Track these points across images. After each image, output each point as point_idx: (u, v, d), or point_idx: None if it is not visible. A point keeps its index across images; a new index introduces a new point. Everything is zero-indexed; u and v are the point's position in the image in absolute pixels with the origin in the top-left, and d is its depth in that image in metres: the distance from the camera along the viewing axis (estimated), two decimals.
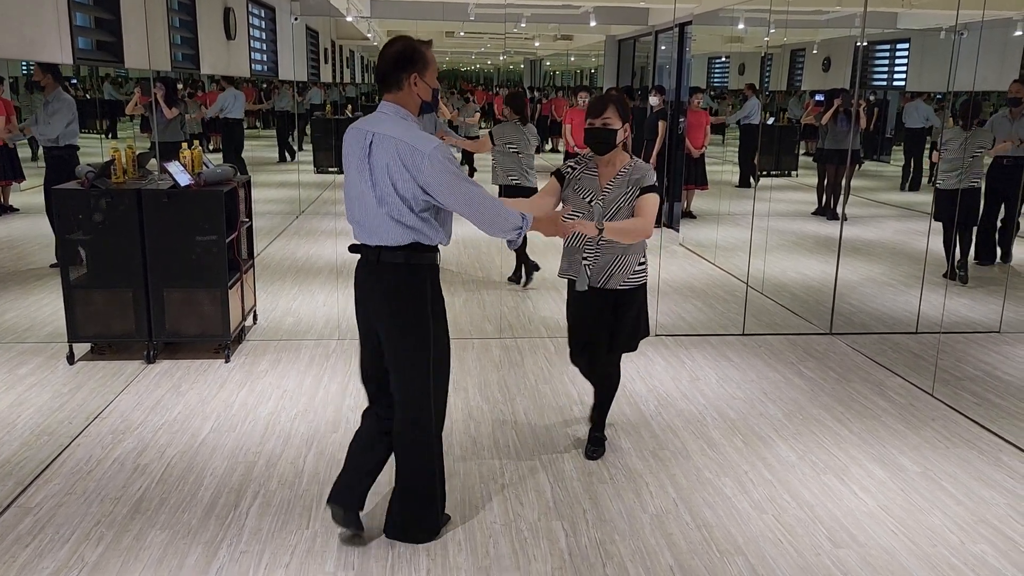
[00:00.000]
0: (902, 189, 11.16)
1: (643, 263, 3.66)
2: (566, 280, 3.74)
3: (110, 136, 8.26)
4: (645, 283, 3.71)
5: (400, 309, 2.92)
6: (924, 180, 10.89)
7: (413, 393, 3.00)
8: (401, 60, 2.88)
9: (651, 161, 9.52)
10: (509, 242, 3.02)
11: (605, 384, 3.91)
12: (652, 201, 3.49)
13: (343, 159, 2.99)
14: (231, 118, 10.00)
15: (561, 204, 3.66)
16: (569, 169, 3.64)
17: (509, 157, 6.92)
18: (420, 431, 3.04)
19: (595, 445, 3.90)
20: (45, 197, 6.57)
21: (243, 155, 10.79)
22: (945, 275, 7.11)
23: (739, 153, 11.74)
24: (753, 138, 11.20)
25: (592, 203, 3.52)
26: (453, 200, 2.84)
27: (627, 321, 3.70)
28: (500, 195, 6.72)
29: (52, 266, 6.64)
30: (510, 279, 7.19)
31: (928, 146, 10.91)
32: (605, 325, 3.70)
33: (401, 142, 2.79)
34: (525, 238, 3.59)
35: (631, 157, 3.59)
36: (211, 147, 10.58)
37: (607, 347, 3.75)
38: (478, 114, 11.62)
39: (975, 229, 7.22)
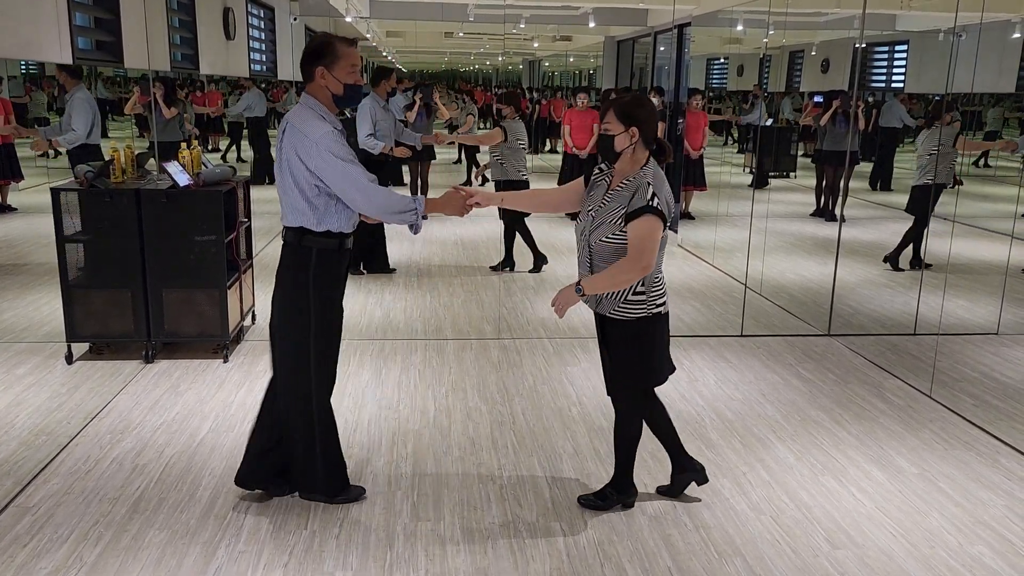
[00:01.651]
0: (872, 188, 11.17)
1: (641, 292, 3.08)
2: None
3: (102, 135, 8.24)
4: (645, 319, 3.10)
5: (284, 283, 3.20)
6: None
7: (287, 362, 3.22)
8: (312, 54, 3.06)
9: None
10: (411, 227, 3.16)
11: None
12: (638, 230, 2.96)
13: None
14: (256, 116, 10.02)
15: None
16: (597, 171, 3.26)
17: (518, 153, 7.09)
18: (294, 398, 3.24)
19: (597, 497, 3.43)
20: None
21: (242, 156, 10.80)
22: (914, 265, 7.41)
23: (757, 156, 11.65)
24: (764, 138, 11.17)
25: (592, 212, 3.14)
26: (341, 183, 3.02)
27: (613, 358, 3.25)
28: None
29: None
30: (530, 270, 7.38)
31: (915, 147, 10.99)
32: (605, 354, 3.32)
33: (295, 129, 3.03)
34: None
35: (642, 168, 3.07)
36: (210, 147, 10.57)
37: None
38: (471, 117, 11.66)
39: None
